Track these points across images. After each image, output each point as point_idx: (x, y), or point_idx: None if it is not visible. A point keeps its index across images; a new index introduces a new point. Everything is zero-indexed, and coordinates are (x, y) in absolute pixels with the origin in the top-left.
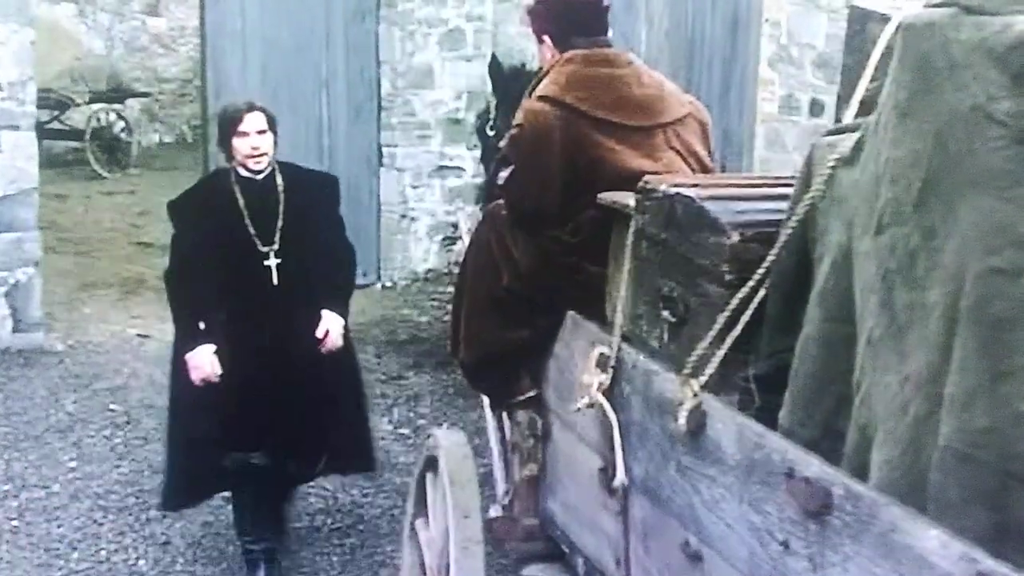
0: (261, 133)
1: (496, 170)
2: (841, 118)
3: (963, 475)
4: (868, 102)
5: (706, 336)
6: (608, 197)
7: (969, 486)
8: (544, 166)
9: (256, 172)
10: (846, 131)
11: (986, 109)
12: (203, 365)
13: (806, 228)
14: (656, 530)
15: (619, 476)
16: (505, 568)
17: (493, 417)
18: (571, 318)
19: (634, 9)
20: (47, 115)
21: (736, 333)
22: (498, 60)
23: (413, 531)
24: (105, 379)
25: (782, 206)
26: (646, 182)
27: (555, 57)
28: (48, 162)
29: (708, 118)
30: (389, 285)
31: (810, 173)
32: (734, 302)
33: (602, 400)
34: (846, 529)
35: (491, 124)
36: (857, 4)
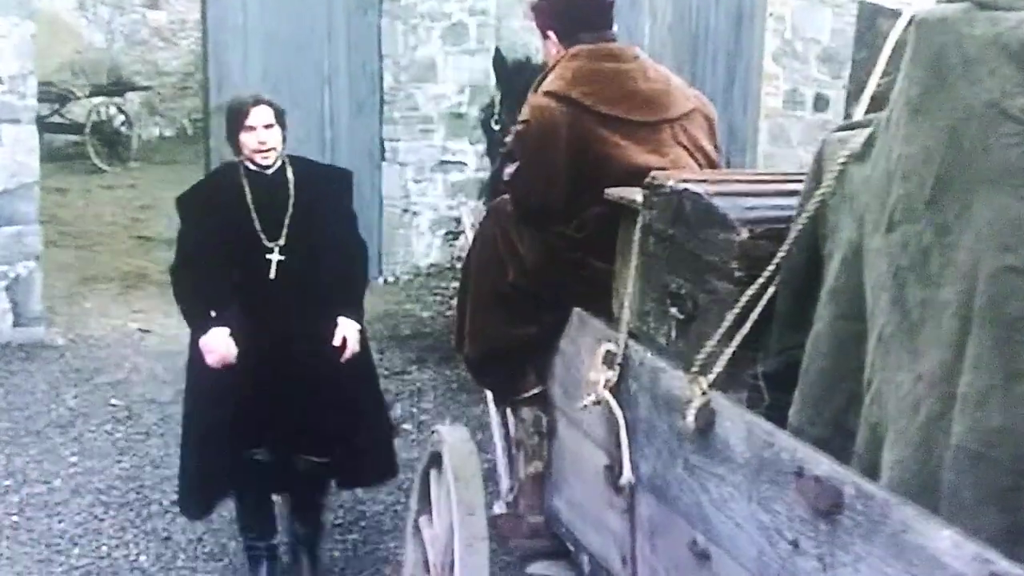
0: (268, 127)
1: (501, 165)
2: (851, 113)
3: (976, 475)
4: (879, 98)
5: (715, 333)
6: (615, 193)
7: (982, 486)
8: (550, 162)
9: (265, 167)
10: (857, 127)
11: (1001, 105)
12: (218, 347)
13: (816, 224)
14: (663, 528)
15: (626, 474)
16: (509, 565)
17: (497, 413)
18: (577, 315)
19: (638, 3)
20: (47, 109)
21: (745, 330)
22: (502, 54)
23: (416, 528)
24: (106, 374)
25: (792, 202)
26: (653, 178)
27: (560, 52)
28: (48, 156)
29: (714, 113)
30: (391, 280)
31: (820, 169)
32: (743, 299)
33: (609, 397)
34: (857, 529)
35: (496, 118)
36: None
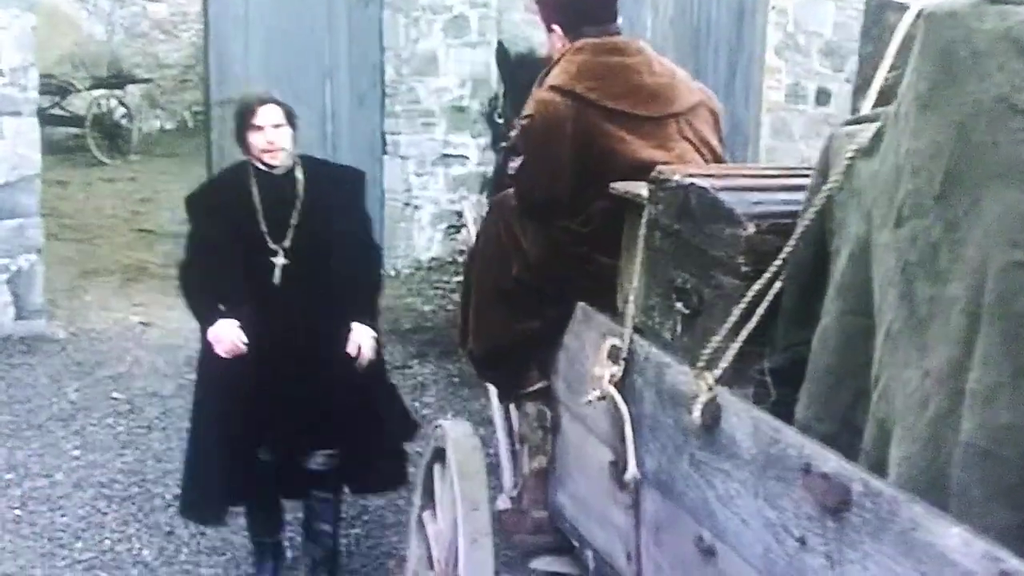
0: (277, 127)
1: (505, 159)
2: (858, 108)
3: (985, 472)
4: (886, 92)
5: (720, 328)
6: (620, 187)
7: (991, 483)
8: (555, 156)
9: (273, 167)
10: (864, 121)
11: (1010, 100)
12: (228, 336)
13: (823, 220)
14: (668, 524)
15: (631, 470)
16: (513, 561)
17: (500, 408)
18: (581, 309)
19: None
20: (48, 101)
21: (751, 326)
22: (504, 47)
23: (420, 523)
24: (107, 367)
25: (798, 197)
26: (659, 172)
27: (565, 46)
28: (49, 148)
29: (719, 107)
30: (393, 274)
31: (827, 164)
32: (749, 294)
33: (613, 392)
34: (865, 526)
35: (499, 112)
36: None
